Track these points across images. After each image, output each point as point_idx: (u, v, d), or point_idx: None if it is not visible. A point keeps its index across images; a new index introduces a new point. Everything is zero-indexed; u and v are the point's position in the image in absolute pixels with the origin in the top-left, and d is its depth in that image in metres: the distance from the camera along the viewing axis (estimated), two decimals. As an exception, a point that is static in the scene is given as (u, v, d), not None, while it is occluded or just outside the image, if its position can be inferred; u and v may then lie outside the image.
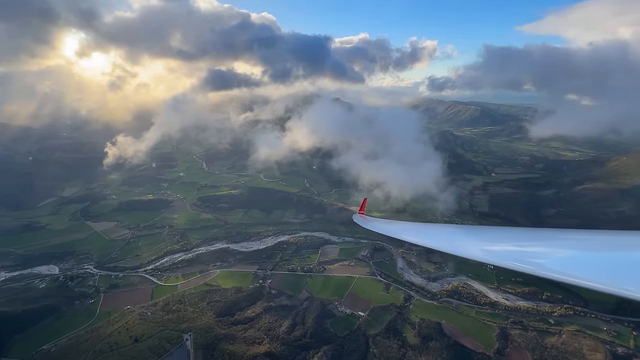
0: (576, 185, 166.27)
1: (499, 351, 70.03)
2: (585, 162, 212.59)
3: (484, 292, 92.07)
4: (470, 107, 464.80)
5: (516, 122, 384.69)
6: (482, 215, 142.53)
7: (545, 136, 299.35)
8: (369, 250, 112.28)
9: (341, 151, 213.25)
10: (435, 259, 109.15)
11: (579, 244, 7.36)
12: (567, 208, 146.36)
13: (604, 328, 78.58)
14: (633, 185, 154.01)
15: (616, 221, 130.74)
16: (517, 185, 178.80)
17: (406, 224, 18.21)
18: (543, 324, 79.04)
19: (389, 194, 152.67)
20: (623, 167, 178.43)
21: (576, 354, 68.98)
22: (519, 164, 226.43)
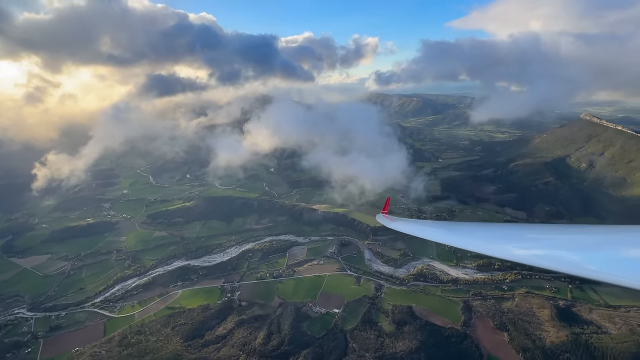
0: (509, 162, 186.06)
1: (465, 323, 75.24)
2: (514, 142, 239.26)
3: (446, 270, 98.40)
4: (414, 99, 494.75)
5: (454, 110, 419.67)
6: (436, 199, 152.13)
7: (481, 121, 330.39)
8: (336, 247, 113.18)
9: (304, 150, 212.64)
10: (399, 245, 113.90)
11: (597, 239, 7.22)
12: (504, 184, 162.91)
13: (547, 286, 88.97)
14: (554, 158, 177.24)
15: (541, 192, 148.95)
16: (461, 167, 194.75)
17: (430, 224, 18.07)
18: (499, 292, 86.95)
19: (357, 188, 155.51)
20: (545, 143, 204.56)
21: (528, 313, 76.97)
22: (461, 148, 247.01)
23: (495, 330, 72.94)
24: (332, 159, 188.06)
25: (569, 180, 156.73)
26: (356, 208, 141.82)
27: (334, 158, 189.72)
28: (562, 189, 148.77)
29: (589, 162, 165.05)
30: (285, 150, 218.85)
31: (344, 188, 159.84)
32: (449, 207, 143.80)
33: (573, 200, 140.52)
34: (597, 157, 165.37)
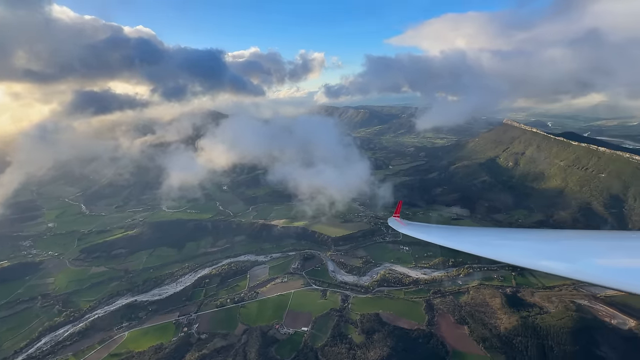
0: (450, 165, 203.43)
1: (430, 322, 78.00)
2: (452, 147, 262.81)
3: (406, 272, 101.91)
4: (361, 111, 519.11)
5: (398, 119, 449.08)
6: (391, 205, 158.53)
7: (424, 129, 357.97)
8: (299, 261, 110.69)
9: (262, 165, 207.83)
10: (360, 253, 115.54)
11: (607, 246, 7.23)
12: (449, 185, 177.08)
13: (495, 276, 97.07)
14: (486, 159, 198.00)
15: (480, 190, 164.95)
16: (410, 173, 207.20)
17: (443, 229, 17.43)
18: (455, 287, 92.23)
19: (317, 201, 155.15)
20: (478, 147, 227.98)
21: (482, 304, 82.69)
22: (408, 155, 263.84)
23: (457, 325, 76.74)
24: (292, 172, 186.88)
25: (500, 177, 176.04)
26: (316, 220, 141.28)
27: (294, 171, 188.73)
28: (496, 186, 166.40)
29: (514, 161, 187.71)
30: (241, 166, 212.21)
31: (303, 201, 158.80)
32: (402, 211, 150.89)
33: (506, 195, 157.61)
34: (520, 156, 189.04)
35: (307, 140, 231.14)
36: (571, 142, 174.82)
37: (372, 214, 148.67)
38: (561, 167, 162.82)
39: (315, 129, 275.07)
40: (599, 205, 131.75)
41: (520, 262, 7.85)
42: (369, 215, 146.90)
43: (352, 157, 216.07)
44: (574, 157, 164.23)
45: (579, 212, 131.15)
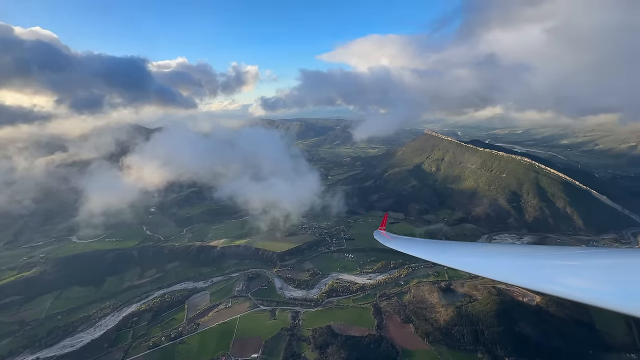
0: (384, 173, 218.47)
1: (379, 326, 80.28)
2: (384, 155, 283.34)
3: (353, 280, 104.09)
4: (297, 123, 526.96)
5: (333, 131, 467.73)
6: (332, 213, 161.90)
7: (358, 140, 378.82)
8: (244, 283, 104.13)
9: (199, 182, 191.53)
10: (307, 266, 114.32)
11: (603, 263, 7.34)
12: (383, 192, 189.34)
13: (430, 272, 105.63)
14: (414, 166, 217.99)
15: (411, 194, 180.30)
16: (348, 182, 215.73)
17: (430, 244, 16.64)
18: (398, 288, 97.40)
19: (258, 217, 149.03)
20: (405, 155, 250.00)
21: (423, 300, 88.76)
22: (344, 164, 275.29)
23: (403, 325, 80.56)
24: (234, 187, 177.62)
25: (426, 181, 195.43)
26: (260, 237, 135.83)
27: (236, 186, 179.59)
28: (423, 189, 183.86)
29: (436, 166, 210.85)
30: (177, 183, 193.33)
31: (245, 218, 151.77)
32: (344, 219, 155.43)
33: (432, 197, 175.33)
34: (441, 162, 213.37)
35: (250, 153, 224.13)
36: (478, 148, 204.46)
37: (316, 224, 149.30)
38: (473, 170, 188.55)
39: (258, 141, 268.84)
40: (504, 200, 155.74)
41: (505, 279, 7.75)
42: (313, 226, 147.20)
43: (299, 169, 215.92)
44: (481, 161, 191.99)
45: (489, 208, 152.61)
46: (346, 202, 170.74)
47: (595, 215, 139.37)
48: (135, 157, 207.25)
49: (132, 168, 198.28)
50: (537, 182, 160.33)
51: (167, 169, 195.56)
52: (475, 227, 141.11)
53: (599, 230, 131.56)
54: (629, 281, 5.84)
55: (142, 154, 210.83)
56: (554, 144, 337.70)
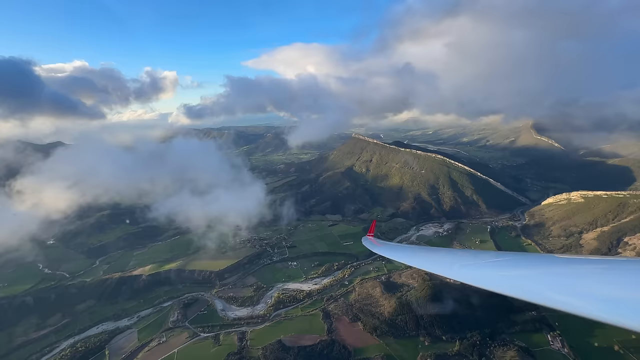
0: (319, 177, 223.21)
1: (329, 330, 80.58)
2: (317, 160, 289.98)
3: (299, 287, 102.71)
4: (225, 132, 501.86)
5: (264, 139, 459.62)
6: (271, 223, 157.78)
7: (293, 146, 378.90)
8: (179, 311, 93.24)
9: (123, 202, 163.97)
10: (250, 280, 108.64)
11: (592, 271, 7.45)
12: (320, 195, 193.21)
13: (371, 268, 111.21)
14: (346, 168, 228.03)
15: (346, 195, 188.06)
16: (284, 189, 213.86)
17: (419, 250, 15.59)
18: (344, 288, 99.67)
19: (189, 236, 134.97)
20: (337, 158, 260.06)
21: (368, 297, 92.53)
22: (279, 172, 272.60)
23: (352, 324, 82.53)
24: (164, 204, 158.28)
25: (359, 182, 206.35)
26: (193, 257, 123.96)
27: (166, 202, 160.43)
28: (357, 190, 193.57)
29: (366, 167, 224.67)
30: (87, 207, 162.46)
31: (174, 237, 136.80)
32: (284, 227, 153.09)
33: (365, 197, 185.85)
34: (369, 163, 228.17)
35: (182, 166, 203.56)
36: (400, 149, 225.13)
37: (255, 236, 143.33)
38: (397, 169, 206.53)
39: (190, 152, 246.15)
40: (425, 194, 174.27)
41: (496, 288, 7.73)
42: (253, 238, 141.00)
43: (239, 179, 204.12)
44: (403, 160, 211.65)
45: (414, 202, 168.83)
46: (284, 209, 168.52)
47: (494, 199, 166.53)
48: (30, 180, 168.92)
49: (26, 193, 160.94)
50: (449, 175, 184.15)
51: (79, 190, 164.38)
52: (405, 221, 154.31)
53: (498, 212, 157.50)
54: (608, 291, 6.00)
55: (40, 175, 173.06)
56: (457, 141, 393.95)
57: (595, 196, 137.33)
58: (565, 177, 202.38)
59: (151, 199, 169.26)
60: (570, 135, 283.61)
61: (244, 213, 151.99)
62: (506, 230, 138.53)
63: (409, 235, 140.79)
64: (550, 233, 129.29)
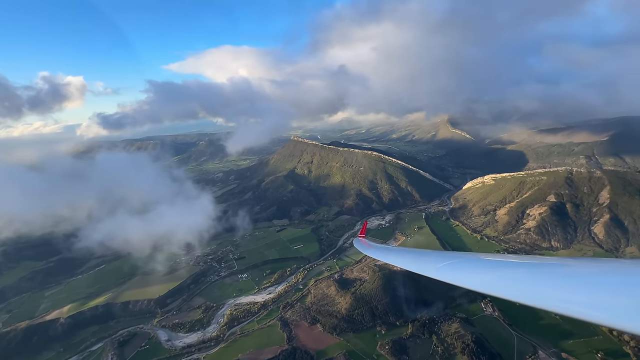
0: (261, 183, 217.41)
1: (289, 338, 78.76)
2: (257, 166, 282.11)
3: (253, 300, 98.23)
4: (150, 142, 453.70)
5: (196, 147, 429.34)
6: (216, 236, 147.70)
7: (232, 152, 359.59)
8: (114, 351, 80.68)
9: (32, 233, 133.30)
10: (197, 301, 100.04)
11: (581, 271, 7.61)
12: (265, 201, 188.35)
13: (324, 269, 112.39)
14: (288, 171, 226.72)
15: (291, 198, 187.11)
16: (226, 198, 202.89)
17: (412, 252, 14.54)
18: (299, 293, 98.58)
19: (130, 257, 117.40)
20: (278, 162, 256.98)
21: (324, 297, 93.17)
22: (218, 181, 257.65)
23: (311, 327, 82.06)
24: (89, 230, 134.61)
25: (302, 184, 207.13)
26: (125, 287, 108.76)
27: (93, 228, 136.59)
28: (301, 192, 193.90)
29: (308, 169, 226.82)
30: None
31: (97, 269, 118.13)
32: (230, 238, 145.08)
33: (310, 198, 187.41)
34: (310, 164, 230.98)
35: (110, 184, 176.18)
36: (338, 148, 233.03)
37: (197, 252, 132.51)
38: (338, 168, 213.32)
39: (119, 168, 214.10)
40: (366, 189, 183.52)
41: (492, 291, 7.79)
42: (195, 254, 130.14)
43: (179, 192, 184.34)
44: (342, 159, 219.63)
45: (357, 198, 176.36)
46: (228, 219, 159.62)
47: (425, 188, 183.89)
48: None
49: None
50: (385, 170, 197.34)
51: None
52: (350, 217, 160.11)
53: (429, 200, 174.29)
54: None
55: None
56: (388, 138, 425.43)
57: (502, 178, 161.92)
58: (477, 164, 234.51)
59: (73, 226, 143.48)
60: (477, 127, 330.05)
61: (192, 229, 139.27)
62: (438, 215, 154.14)
63: (355, 230, 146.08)
64: (472, 213, 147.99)
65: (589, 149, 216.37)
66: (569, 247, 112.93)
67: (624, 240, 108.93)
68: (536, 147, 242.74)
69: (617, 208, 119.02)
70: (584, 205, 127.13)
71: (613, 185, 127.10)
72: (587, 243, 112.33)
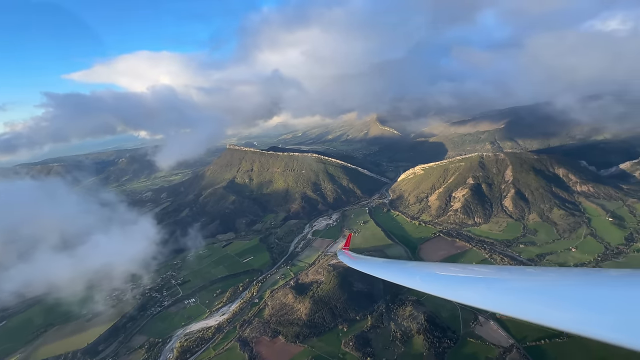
0: (199, 197, 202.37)
1: (251, 358, 74.58)
2: (192, 179, 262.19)
3: (206, 325, 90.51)
4: (54, 165, 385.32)
5: (116, 166, 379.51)
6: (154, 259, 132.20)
7: (159, 168, 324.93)
8: None
9: None
10: (138, 340, 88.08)
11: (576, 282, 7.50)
12: (205, 216, 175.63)
13: (278, 277, 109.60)
14: (227, 182, 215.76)
15: (234, 210, 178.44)
16: (160, 218, 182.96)
17: (397, 264, 13.47)
18: (255, 307, 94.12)
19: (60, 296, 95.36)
20: (215, 173, 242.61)
21: (282, 306, 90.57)
22: (147, 200, 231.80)
23: (273, 341, 79.08)
24: None
25: (244, 194, 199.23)
26: (41, 341, 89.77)
27: None
28: (244, 202, 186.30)
29: (248, 177, 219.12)
30: None
31: (1, 324, 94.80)
32: (169, 262, 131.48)
33: (254, 207, 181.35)
34: (251, 172, 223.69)
35: (13, 220, 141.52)
36: (278, 153, 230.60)
37: (132, 285, 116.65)
38: (280, 173, 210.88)
39: (20, 200, 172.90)
40: (310, 192, 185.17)
41: (476, 303, 7.86)
42: (130, 287, 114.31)
43: (112, 219, 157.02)
44: (283, 163, 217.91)
45: (302, 201, 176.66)
46: (165, 242, 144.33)
47: (365, 184, 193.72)
48: None
49: None
50: (327, 170, 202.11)
51: None
52: (298, 221, 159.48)
53: (370, 194, 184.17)
54: None
55: None
56: (324, 139, 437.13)
57: (429, 167, 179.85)
58: (407, 157, 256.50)
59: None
60: (403, 123, 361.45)
61: (135, 257, 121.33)
62: (379, 208, 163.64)
63: (305, 233, 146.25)
64: (409, 202, 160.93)
65: (492, 136, 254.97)
66: (488, 221, 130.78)
67: (527, 209, 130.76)
68: (452, 137, 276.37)
69: (519, 183, 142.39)
70: (495, 184, 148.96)
71: (514, 164, 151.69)
72: (502, 215, 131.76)
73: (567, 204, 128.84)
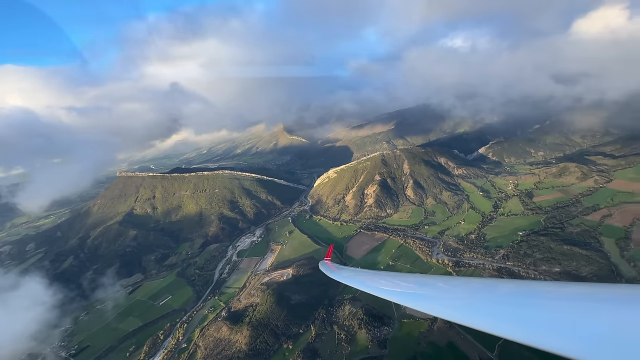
0: (85, 240, 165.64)
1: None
2: (72, 220, 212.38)
3: None
4: None
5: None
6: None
7: (22, 212, 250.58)
8: None
9: None
10: None
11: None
12: (99, 261, 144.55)
13: (206, 312, 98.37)
14: (124, 215, 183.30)
15: (138, 246, 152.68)
16: (32, 275, 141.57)
17: (379, 275, 11.76)
18: (185, 354, 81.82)
19: None
20: (105, 207, 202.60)
21: (217, 343, 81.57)
22: (5, 258, 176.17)
23: (213, 384, 70.15)
24: None
25: (148, 225, 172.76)
26: None
27: None
28: (149, 235, 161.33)
29: (151, 206, 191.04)
30: None
31: None
32: (55, 328, 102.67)
33: (164, 239, 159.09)
34: (153, 200, 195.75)
35: None
36: (183, 175, 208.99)
37: None
38: (189, 196, 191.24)
39: None
40: (228, 211, 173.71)
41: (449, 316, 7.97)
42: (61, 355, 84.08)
43: None
44: (192, 185, 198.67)
45: (220, 222, 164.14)
46: (44, 304, 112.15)
47: (283, 194, 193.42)
48: None
49: None
50: (242, 186, 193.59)
51: None
52: (219, 244, 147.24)
53: (290, 204, 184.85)
54: None
55: None
56: (233, 154, 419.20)
57: (341, 169, 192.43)
58: (318, 162, 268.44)
59: None
60: (309, 131, 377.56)
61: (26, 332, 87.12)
62: (302, 215, 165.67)
63: (229, 256, 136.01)
64: (328, 205, 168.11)
65: (386, 136, 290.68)
66: (397, 211, 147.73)
67: (424, 195, 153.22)
68: (355, 140, 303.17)
69: (415, 174, 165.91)
70: (397, 177, 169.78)
71: (408, 159, 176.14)
72: (407, 204, 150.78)
73: (451, 186, 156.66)
